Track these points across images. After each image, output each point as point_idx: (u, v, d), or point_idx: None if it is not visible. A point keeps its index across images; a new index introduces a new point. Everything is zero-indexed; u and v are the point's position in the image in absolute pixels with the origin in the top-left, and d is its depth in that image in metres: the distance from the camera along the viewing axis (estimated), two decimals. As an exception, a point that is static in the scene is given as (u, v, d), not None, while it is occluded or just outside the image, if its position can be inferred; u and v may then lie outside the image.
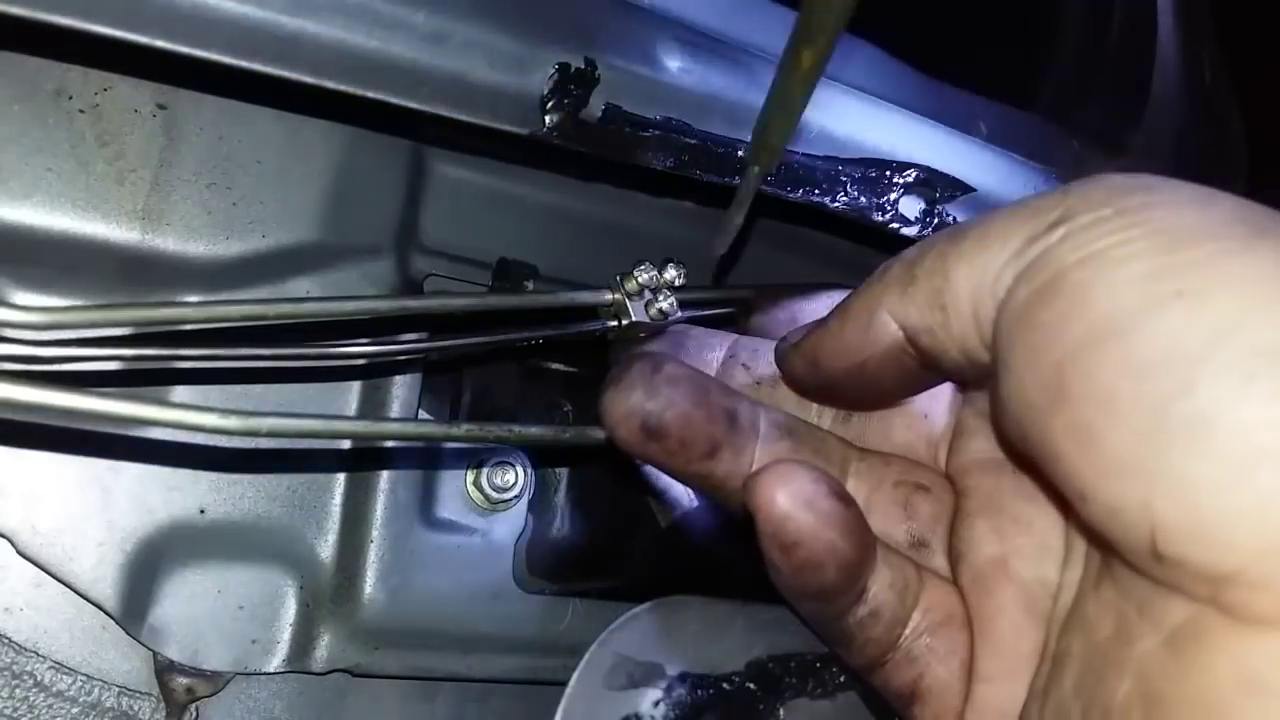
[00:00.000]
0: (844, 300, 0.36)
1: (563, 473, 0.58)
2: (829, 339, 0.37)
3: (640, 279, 0.45)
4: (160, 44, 0.36)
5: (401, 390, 0.53)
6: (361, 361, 0.51)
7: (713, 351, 0.44)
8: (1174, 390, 0.24)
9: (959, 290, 0.31)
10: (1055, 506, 0.36)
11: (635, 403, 0.36)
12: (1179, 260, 0.25)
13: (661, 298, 0.45)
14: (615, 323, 0.45)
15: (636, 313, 0.45)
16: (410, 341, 0.46)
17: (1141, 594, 0.27)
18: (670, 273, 0.45)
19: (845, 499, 0.34)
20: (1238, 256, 0.25)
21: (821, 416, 0.42)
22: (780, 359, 0.41)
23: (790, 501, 0.33)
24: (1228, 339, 0.24)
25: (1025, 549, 0.36)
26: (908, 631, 0.37)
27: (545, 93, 0.43)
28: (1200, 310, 0.24)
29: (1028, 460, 0.30)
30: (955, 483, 0.39)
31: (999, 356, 0.30)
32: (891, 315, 0.34)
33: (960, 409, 0.41)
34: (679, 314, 0.45)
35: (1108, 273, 0.26)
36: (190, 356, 0.38)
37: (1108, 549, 0.29)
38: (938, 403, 0.41)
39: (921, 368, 0.34)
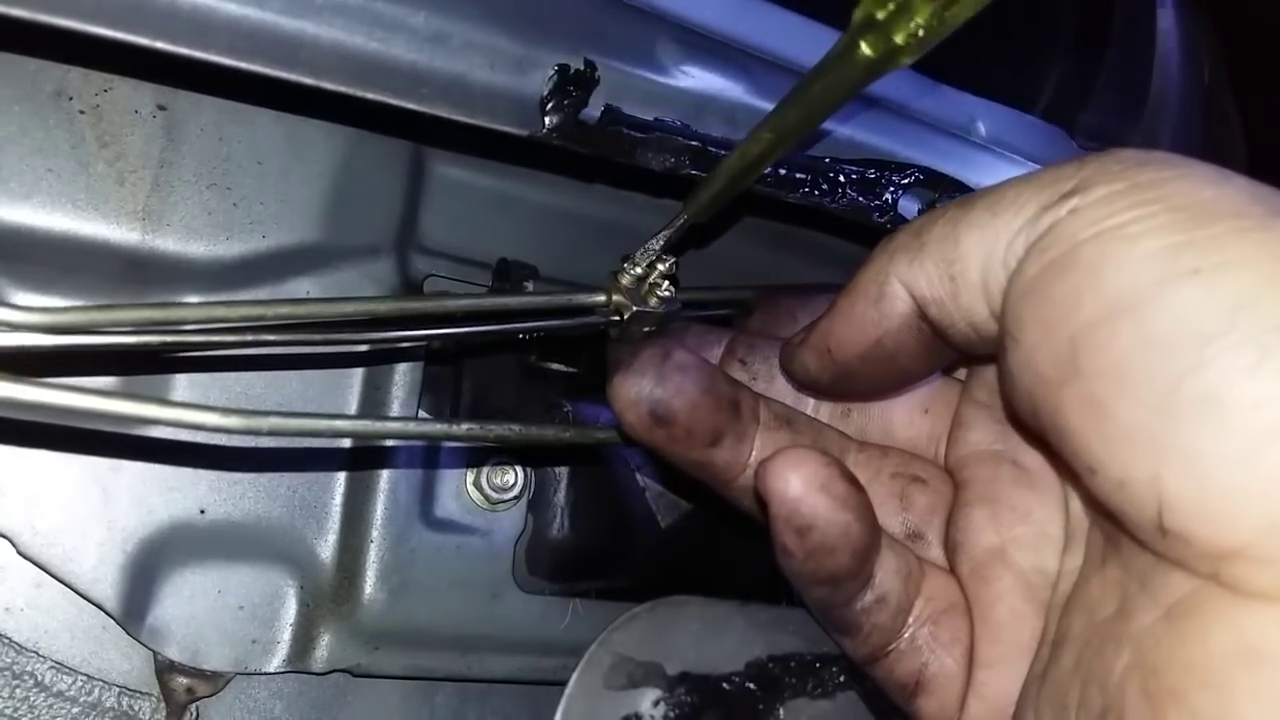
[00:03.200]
0: (849, 281, 0.35)
1: (562, 473, 0.58)
2: (839, 322, 0.36)
3: (634, 272, 0.45)
4: (161, 45, 0.36)
5: (401, 390, 0.53)
6: (363, 348, 0.51)
7: (710, 349, 0.44)
8: (1187, 366, 0.24)
9: (969, 259, 0.31)
10: (1063, 478, 0.35)
11: (644, 388, 0.36)
12: (1195, 237, 0.25)
13: (658, 288, 0.45)
14: (618, 317, 0.45)
15: (636, 305, 0.45)
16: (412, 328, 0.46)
17: (1144, 569, 0.27)
18: (662, 264, 0.45)
19: (856, 483, 0.34)
20: (1254, 235, 0.25)
21: (820, 408, 0.42)
22: (787, 361, 0.40)
23: (804, 485, 0.32)
24: (1242, 316, 0.24)
25: (1023, 538, 0.36)
26: (911, 620, 0.37)
27: (545, 94, 0.43)
28: (1216, 287, 0.25)
29: (1036, 433, 0.30)
30: (954, 474, 0.39)
31: (1008, 329, 0.29)
32: (902, 284, 0.33)
33: (960, 401, 0.40)
34: (677, 301, 0.45)
35: (1123, 249, 0.26)
36: (191, 346, 0.38)
37: (1114, 524, 0.28)
38: (938, 397, 0.41)
39: (936, 339, 0.34)
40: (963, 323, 0.32)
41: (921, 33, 0.30)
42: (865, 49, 0.31)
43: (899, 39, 0.30)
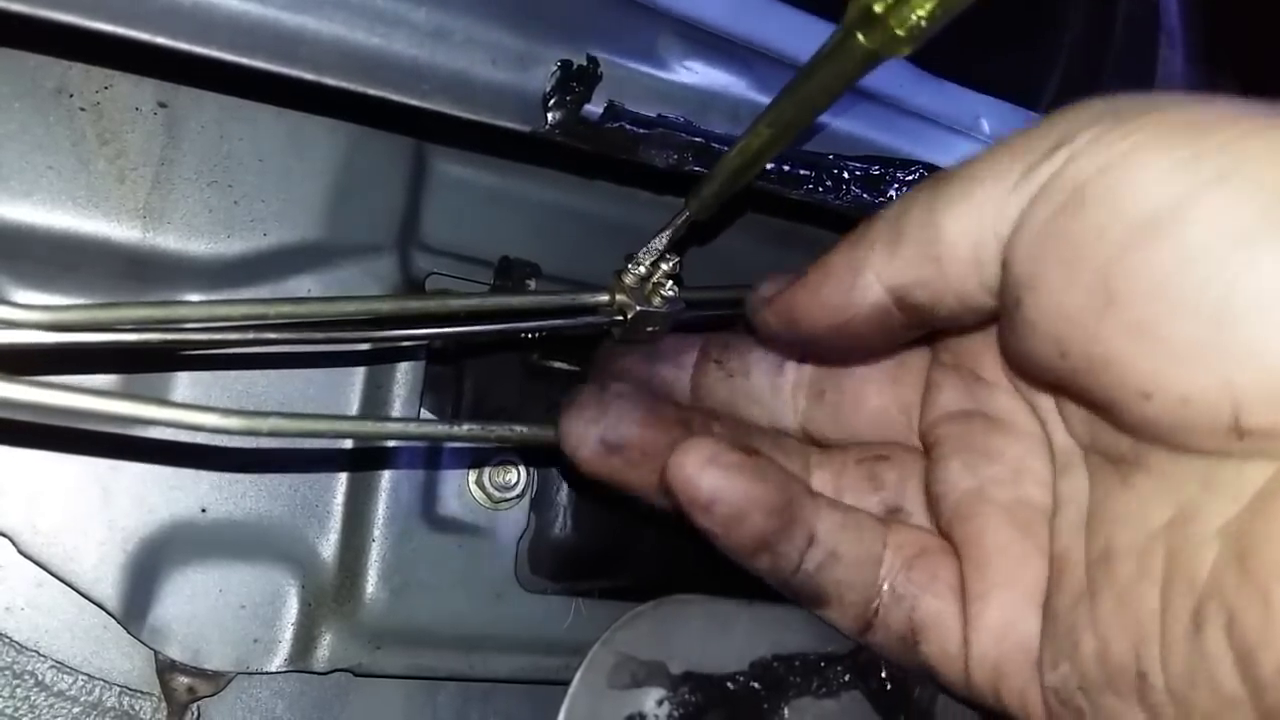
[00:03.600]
0: (824, 257, 0.36)
1: (565, 471, 0.58)
2: (807, 296, 0.36)
3: (637, 271, 0.45)
4: (162, 41, 0.36)
5: (403, 390, 0.53)
6: (365, 346, 0.51)
7: (687, 353, 0.45)
8: (1237, 268, 0.24)
9: (953, 238, 0.31)
10: (1085, 412, 0.35)
11: (591, 420, 0.38)
12: (1206, 147, 0.26)
13: (661, 287, 0.45)
14: (622, 317, 0.45)
15: (640, 305, 0.45)
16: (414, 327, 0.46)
17: (1202, 474, 0.27)
18: (665, 264, 0.45)
19: (749, 450, 0.35)
20: (1263, 135, 0.25)
21: (797, 395, 0.43)
22: (752, 314, 0.40)
23: (695, 464, 0.34)
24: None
25: (1000, 475, 0.36)
26: (884, 571, 0.38)
27: (547, 90, 0.43)
28: (1245, 188, 0.25)
29: (1060, 377, 0.30)
30: (927, 437, 0.40)
31: (1019, 283, 0.29)
32: (877, 277, 0.33)
33: (930, 367, 0.41)
34: (680, 301, 0.45)
35: (1135, 174, 0.26)
36: (192, 344, 0.38)
37: (1154, 440, 0.28)
38: (908, 366, 0.42)
39: (906, 326, 0.34)
40: (951, 299, 0.32)
41: (922, 23, 0.30)
42: (862, 40, 0.31)
43: (899, 30, 0.30)
